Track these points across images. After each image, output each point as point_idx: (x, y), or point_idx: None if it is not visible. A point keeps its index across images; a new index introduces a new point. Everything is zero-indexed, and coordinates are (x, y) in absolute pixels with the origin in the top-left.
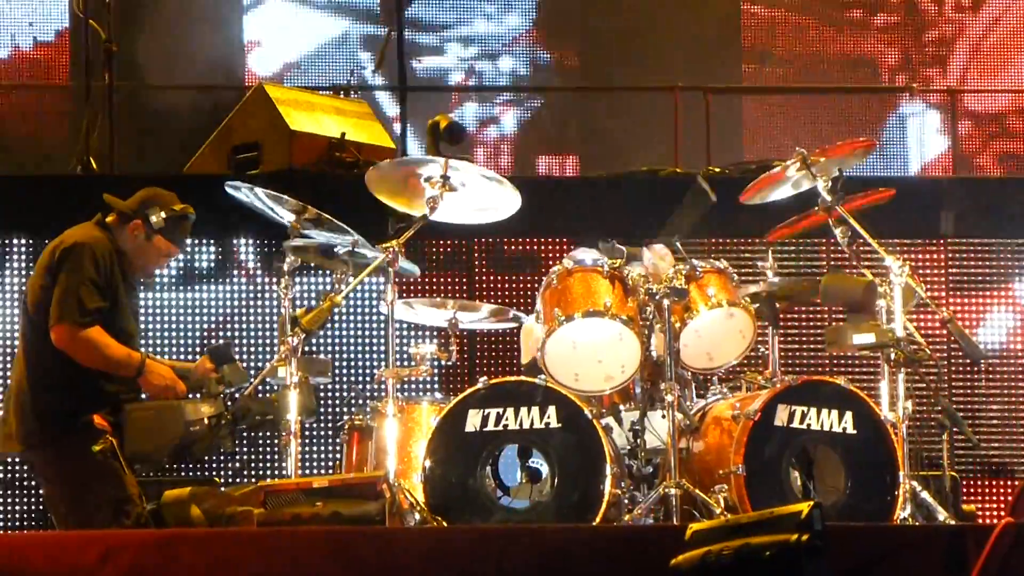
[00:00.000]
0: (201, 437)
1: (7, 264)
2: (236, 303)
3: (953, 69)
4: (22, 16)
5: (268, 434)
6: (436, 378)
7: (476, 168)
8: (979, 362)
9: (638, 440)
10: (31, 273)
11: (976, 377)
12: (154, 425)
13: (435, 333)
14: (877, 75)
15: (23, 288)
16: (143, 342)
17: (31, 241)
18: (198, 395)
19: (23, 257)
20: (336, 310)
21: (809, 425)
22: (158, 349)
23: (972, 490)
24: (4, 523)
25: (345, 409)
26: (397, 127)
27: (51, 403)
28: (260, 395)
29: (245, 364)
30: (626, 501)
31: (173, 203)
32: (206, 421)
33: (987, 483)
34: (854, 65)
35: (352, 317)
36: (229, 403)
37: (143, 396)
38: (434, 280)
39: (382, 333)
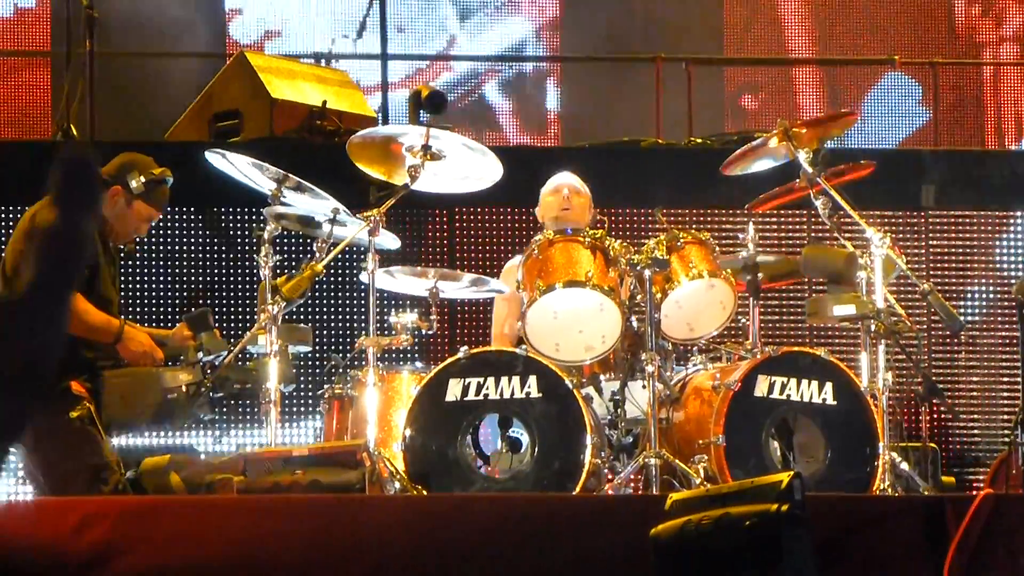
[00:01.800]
0: (179, 404)
1: None
2: (216, 271)
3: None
4: None
5: (248, 402)
6: (417, 347)
7: (457, 137)
8: (959, 333)
9: (618, 410)
10: (9, 238)
11: (956, 348)
12: (131, 392)
13: (416, 302)
14: (859, 47)
15: (2, 254)
16: (124, 310)
17: (10, 208)
18: (176, 363)
19: (3, 223)
20: (317, 279)
21: (789, 396)
22: (137, 317)
23: (951, 461)
24: None
25: (325, 378)
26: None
27: None
28: (239, 363)
29: (225, 332)
30: (606, 471)
31: (152, 167)
32: (184, 388)
33: (966, 454)
34: (836, 36)
35: (332, 286)
36: (208, 371)
37: (122, 363)
38: (415, 250)
39: (363, 302)
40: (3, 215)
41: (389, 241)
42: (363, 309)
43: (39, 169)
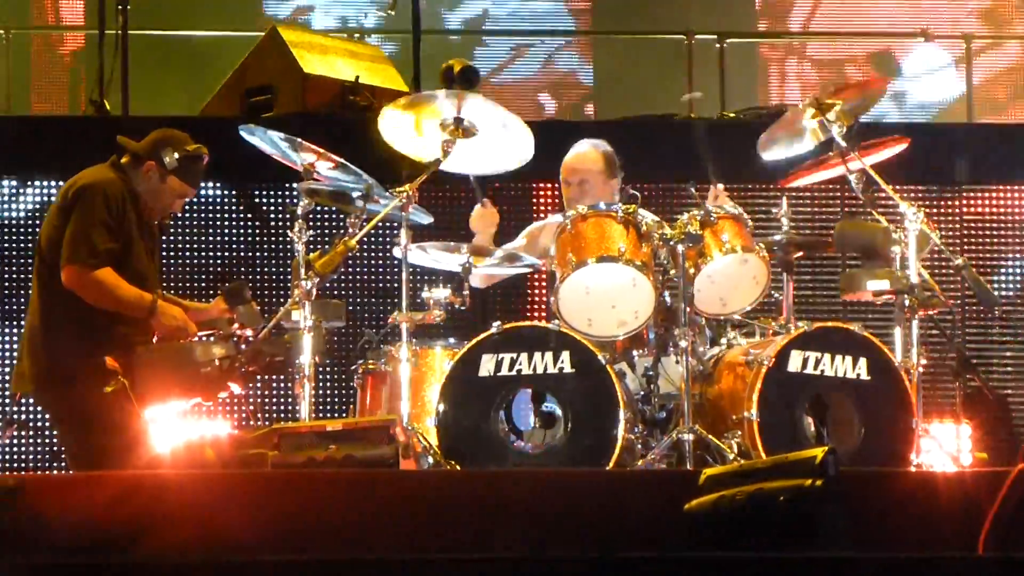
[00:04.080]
0: (212, 378)
1: (22, 205)
2: (250, 247)
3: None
4: None
5: (282, 377)
6: (450, 323)
7: (489, 103)
8: (993, 309)
9: (651, 386)
10: (46, 214)
11: (990, 324)
12: (164, 366)
13: (449, 278)
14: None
15: (38, 229)
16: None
17: (46, 183)
18: (210, 336)
19: (39, 198)
20: (350, 254)
21: (823, 371)
22: (173, 292)
23: (985, 436)
24: (18, 464)
25: (359, 353)
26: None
27: (63, 344)
28: (273, 336)
29: (259, 307)
30: (639, 446)
31: (186, 143)
32: (217, 362)
33: (1000, 429)
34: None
35: (366, 261)
36: (242, 345)
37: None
38: (447, 225)
39: (396, 277)
40: (39, 190)
41: (422, 216)
42: (396, 284)
43: (73, 144)
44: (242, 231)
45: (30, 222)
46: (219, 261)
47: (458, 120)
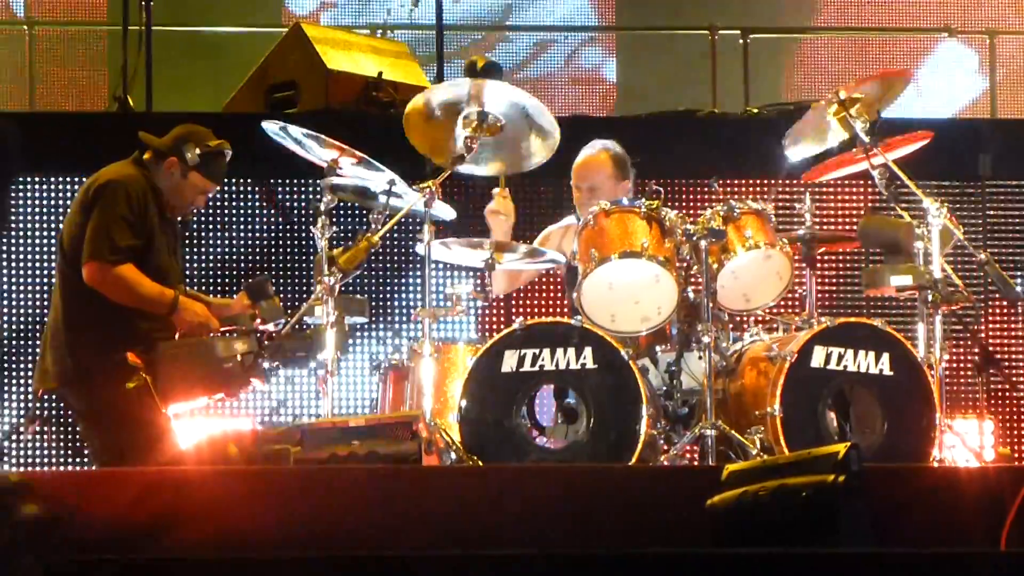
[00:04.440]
0: (234, 374)
1: (46, 201)
2: (273, 243)
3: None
4: None
5: (305, 373)
6: (472, 318)
7: (513, 90)
8: (1016, 304)
9: (674, 381)
10: (68, 211)
11: (1013, 319)
12: (186, 362)
13: (472, 273)
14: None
15: (61, 226)
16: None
17: (69, 179)
18: (232, 332)
19: (62, 195)
20: (373, 250)
21: (846, 367)
22: (196, 288)
23: (1008, 432)
24: (41, 460)
25: (382, 349)
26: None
27: (85, 340)
28: (295, 332)
29: (282, 304)
30: (662, 442)
31: (208, 139)
32: (239, 358)
33: (1023, 425)
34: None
35: (389, 257)
36: (266, 341)
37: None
38: (470, 221)
39: (419, 273)
40: (60, 186)
41: (445, 212)
42: (419, 280)
43: (96, 141)
44: (265, 227)
45: (54, 219)
46: (242, 257)
47: (482, 115)
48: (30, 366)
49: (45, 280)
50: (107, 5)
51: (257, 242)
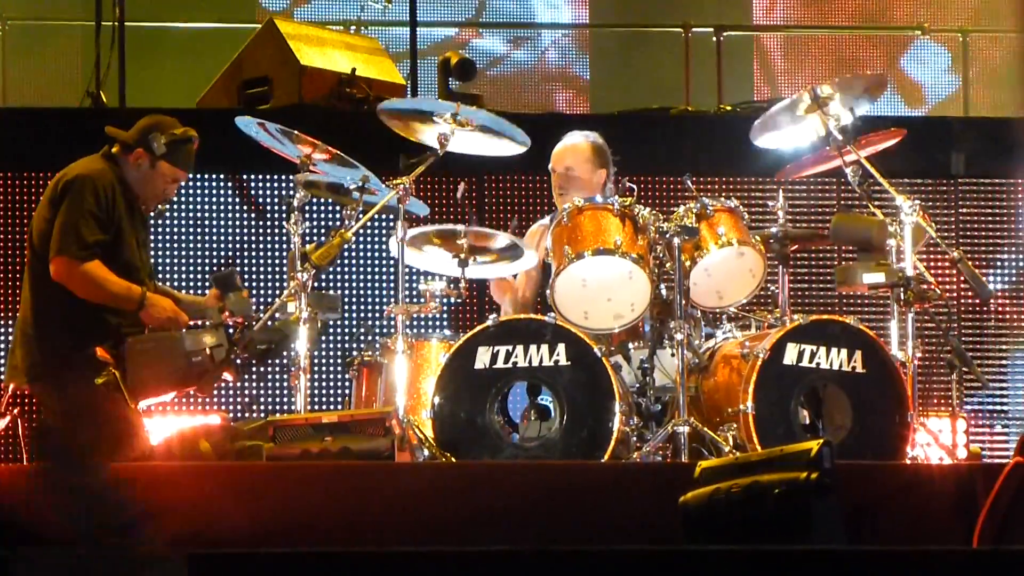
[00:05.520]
0: (203, 368)
1: (17, 197)
2: (246, 238)
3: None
4: None
5: (277, 369)
6: (445, 315)
7: (486, 114)
8: (988, 302)
9: (647, 378)
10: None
11: (985, 317)
12: (154, 356)
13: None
14: (888, 15)
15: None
16: (158, 277)
17: (42, 175)
18: (201, 326)
19: (34, 191)
20: (346, 246)
21: (818, 364)
22: (167, 283)
23: (980, 430)
24: (16, 455)
25: (354, 345)
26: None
27: (54, 336)
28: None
29: (254, 299)
30: (634, 439)
31: (174, 127)
32: (208, 351)
33: (995, 423)
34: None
35: (362, 253)
36: (232, 333)
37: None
38: (444, 218)
39: (392, 270)
40: (33, 182)
41: (418, 208)
42: (392, 276)
43: (69, 136)
44: (238, 223)
45: (25, 215)
46: (215, 253)
47: (455, 114)
48: (1, 362)
49: (17, 276)
50: (80, 0)
51: (229, 237)
